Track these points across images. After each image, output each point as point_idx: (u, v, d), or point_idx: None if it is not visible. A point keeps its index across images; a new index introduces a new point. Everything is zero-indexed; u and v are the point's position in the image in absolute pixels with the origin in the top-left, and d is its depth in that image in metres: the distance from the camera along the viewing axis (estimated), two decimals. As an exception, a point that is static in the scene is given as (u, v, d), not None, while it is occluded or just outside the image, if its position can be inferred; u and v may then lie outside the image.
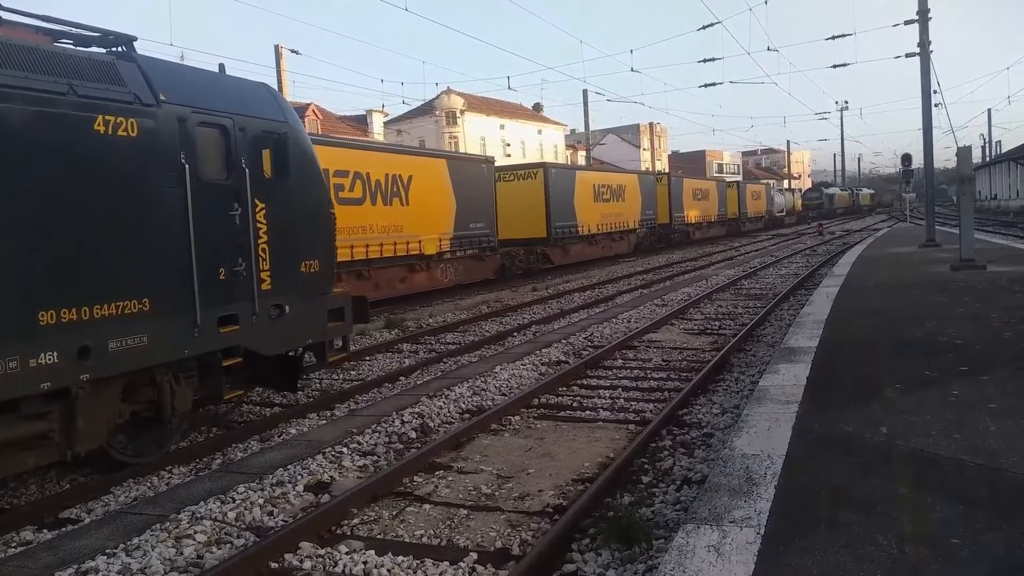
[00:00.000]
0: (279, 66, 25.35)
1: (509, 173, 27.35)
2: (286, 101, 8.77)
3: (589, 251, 30.19)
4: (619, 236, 33.00)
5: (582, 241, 29.40)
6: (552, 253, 27.12)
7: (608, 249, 31.80)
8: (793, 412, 6.10)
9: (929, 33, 22.48)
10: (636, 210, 34.73)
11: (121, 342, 6.42)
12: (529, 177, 27.02)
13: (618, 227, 32.54)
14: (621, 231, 33.04)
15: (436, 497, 6.09)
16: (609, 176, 34.13)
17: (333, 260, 9.05)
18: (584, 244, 29.64)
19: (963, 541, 3.67)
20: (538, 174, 26.93)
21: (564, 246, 27.93)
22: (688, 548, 3.86)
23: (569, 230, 28.14)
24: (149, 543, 5.23)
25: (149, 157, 6.73)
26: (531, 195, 26.57)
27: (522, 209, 26.09)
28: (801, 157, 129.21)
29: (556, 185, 27.16)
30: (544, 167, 27.56)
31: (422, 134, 61.28)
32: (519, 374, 10.02)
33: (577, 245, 29.02)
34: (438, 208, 20.28)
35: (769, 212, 61.93)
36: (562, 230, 27.55)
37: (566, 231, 27.91)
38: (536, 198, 26.61)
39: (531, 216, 26.28)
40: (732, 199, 51.47)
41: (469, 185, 21.52)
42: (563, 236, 27.64)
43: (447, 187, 20.70)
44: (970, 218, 17.22)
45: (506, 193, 25.41)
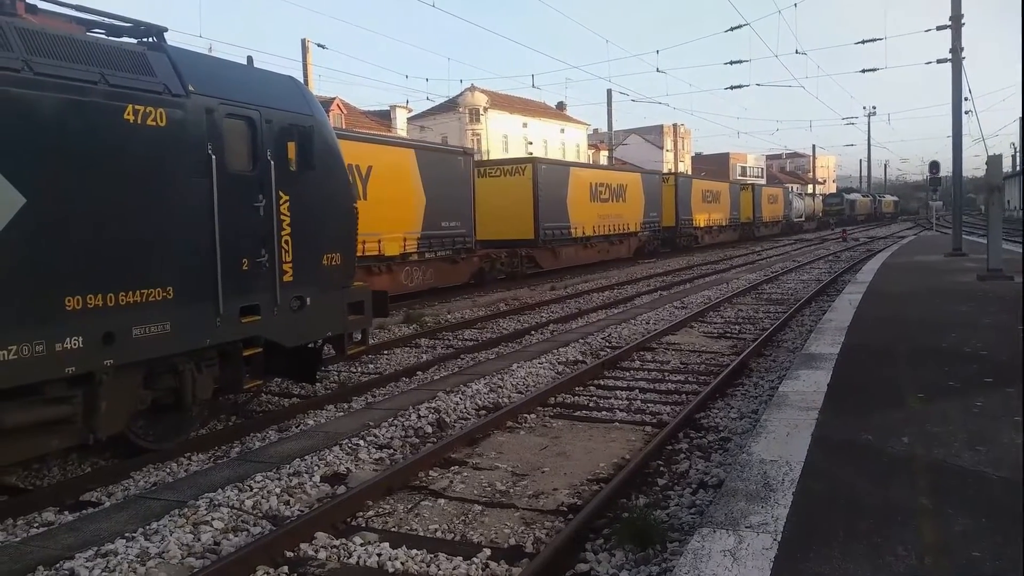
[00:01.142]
0: (305, 60, 25.46)
1: (494, 168, 25.59)
2: (312, 94, 8.82)
3: (583, 255, 28.01)
4: (618, 239, 30.71)
5: (575, 244, 27.24)
6: (540, 256, 25.03)
7: (605, 253, 29.68)
8: (813, 419, 6.05)
9: (962, 39, 22.19)
10: (638, 212, 32.48)
11: (145, 329, 6.50)
12: (516, 173, 24.74)
13: (617, 230, 30.30)
14: (620, 234, 30.78)
15: (451, 492, 6.11)
16: (608, 174, 31.35)
17: (354, 253, 9.09)
18: (577, 247, 27.48)
19: (985, 554, 3.62)
20: (526, 170, 24.63)
21: (554, 249, 25.80)
22: (704, 552, 3.84)
23: (560, 232, 25.95)
24: (167, 528, 5.27)
25: (177, 147, 6.80)
26: (518, 192, 24.37)
27: (507, 208, 24.19)
28: (827, 162, 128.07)
29: (546, 182, 24.96)
30: (533, 162, 25.23)
31: (445, 131, 61.42)
32: (536, 372, 10.02)
33: (569, 248, 26.91)
34: (403, 204, 18.01)
35: (786, 217, 60.07)
36: (552, 231, 25.38)
37: (557, 233, 25.72)
38: (523, 196, 24.37)
39: (517, 215, 24.21)
40: (746, 202, 49.23)
41: (442, 179, 19.30)
42: (553, 238, 25.50)
43: (415, 181, 18.46)
44: (998, 227, 16.98)
45: (490, 190, 23.88)
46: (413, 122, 60.99)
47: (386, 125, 51.45)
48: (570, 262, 26.97)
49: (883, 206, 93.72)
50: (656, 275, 25.82)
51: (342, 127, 41.55)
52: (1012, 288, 14.42)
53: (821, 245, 43.30)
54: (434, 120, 62.59)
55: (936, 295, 13.84)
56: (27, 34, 5.78)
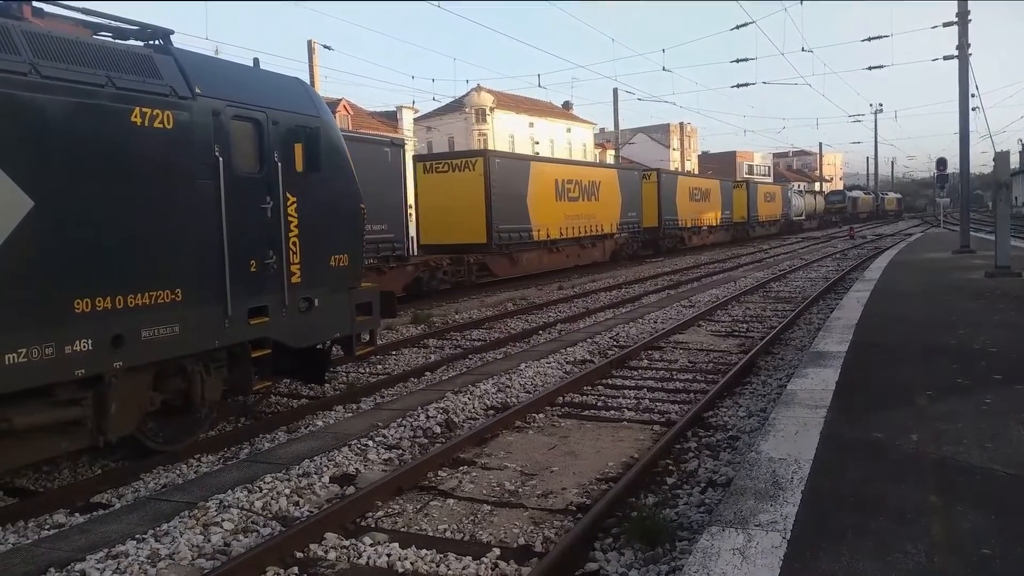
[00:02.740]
0: (311, 61, 25.53)
1: (441, 163, 22.60)
2: (319, 96, 8.85)
3: (548, 260, 25.02)
4: (590, 242, 27.71)
5: (538, 248, 24.30)
6: (494, 263, 22.07)
7: (575, 258, 26.78)
8: (821, 417, 6.04)
9: (968, 36, 22.10)
10: (614, 212, 29.52)
11: (154, 331, 6.53)
12: (466, 168, 21.73)
13: (589, 231, 27.36)
14: (593, 236, 27.77)
15: (460, 492, 6.12)
16: (578, 170, 28.21)
17: (362, 254, 9.11)
18: (541, 252, 24.53)
19: (995, 552, 3.61)
20: (477, 164, 21.65)
21: (512, 254, 22.87)
22: (713, 550, 3.84)
23: (520, 235, 22.98)
24: (177, 529, 5.30)
25: (184, 149, 6.83)
26: (468, 190, 21.46)
27: (456, 208, 21.58)
28: (833, 159, 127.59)
29: (502, 179, 21.98)
30: (485, 155, 22.09)
31: (452, 131, 61.50)
32: (544, 372, 10.02)
33: (531, 253, 23.94)
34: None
35: (785, 216, 57.20)
36: (509, 234, 22.39)
37: (515, 236, 22.75)
38: (474, 194, 21.45)
39: (468, 217, 21.38)
40: (740, 201, 46.54)
41: (363, 176, 16.39)
42: (511, 242, 22.58)
43: None
44: (1006, 224, 16.90)
45: (436, 187, 21.78)
46: (419, 123, 61.06)
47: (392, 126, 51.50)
48: (532, 269, 24.08)
49: (886, 203, 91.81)
50: (664, 274, 25.78)
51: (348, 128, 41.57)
52: (1021, 285, 14.35)
53: (828, 243, 43.18)
54: (440, 120, 62.67)
55: (944, 292, 13.79)
56: (34, 37, 5.81)
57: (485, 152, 23.07)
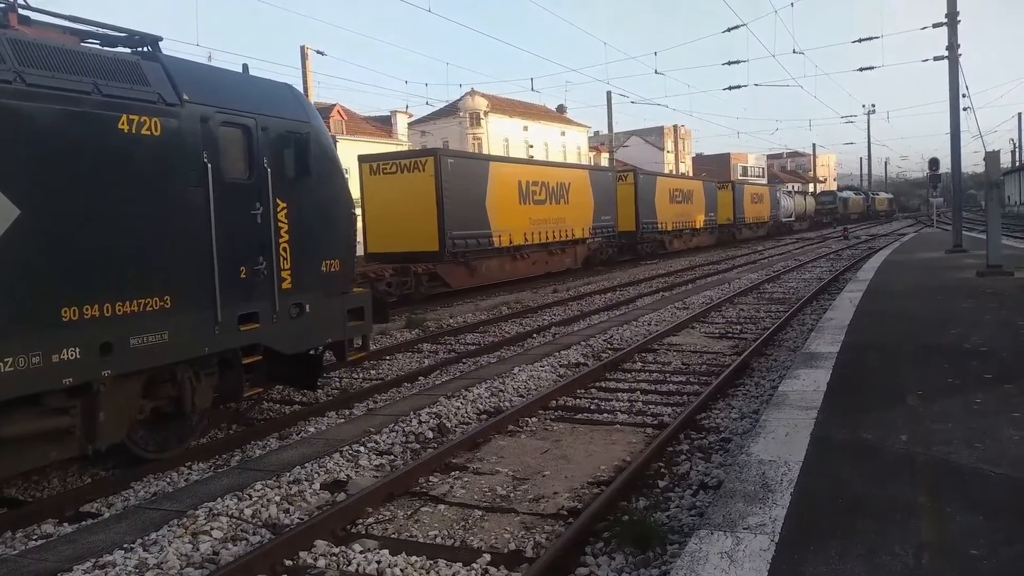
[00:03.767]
0: (304, 67, 25.49)
1: (389, 163, 20.65)
2: (308, 101, 8.84)
3: (511, 268, 23.14)
4: (559, 248, 25.83)
5: (499, 255, 22.40)
6: (448, 272, 20.17)
7: (543, 265, 24.96)
8: (812, 418, 6.03)
9: (958, 36, 22.16)
10: (586, 215, 27.59)
11: (142, 339, 6.50)
12: (415, 169, 19.95)
13: (558, 237, 25.46)
14: (562, 242, 25.87)
15: (451, 497, 6.10)
16: (544, 171, 26.16)
17: (353, 260, 9.09)
18: (503, 259, 22.62)
19: (982, 552, 3.60)
20: (427, 164, 19.83)
21: (469, 263, 20.94)
22: (701, 554, 3.83)
23: (478, 241, 21.13)
24: (166, 538, 5.27)
25: (172, 156, 6.81)
26: (418, 194, 19.68)
27: (405, 213, 19.95)
28: (827, 160, 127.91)
29: (456, 180, 20.22)
30: (436, 155, 20.21)
31: (446, 135, 61.43)
32: (537, 375, 10.01)
33: (491, 261, 22.01)
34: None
35: (774, 218, 55.58)
36: (465, 241, 20.53)
37: (472, 243, 20.88)
38: (425, 198, 19.65)
39: (417, 222, 19.65)
40: (725, 202, 45.07)
41: None
42: (467, 249, 20.66)
43: None
44: (997, 223, 16.95)
45: (383, 190, 20.30)
46: (414, 127, 61.04)
47: (387, 131, 51.50)
48: (493, 278, 22.20)
49: (876, 204, 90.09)
50: (659, 276, 25.79)
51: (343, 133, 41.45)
52: (1012, 284, 14.39)
53: (823, 243, 43.25)
54: (435, 125, 62.64)
55: (936, 292, 13.81)
56: (19, 45, 5.79)
57: (436, 151, 21.04)
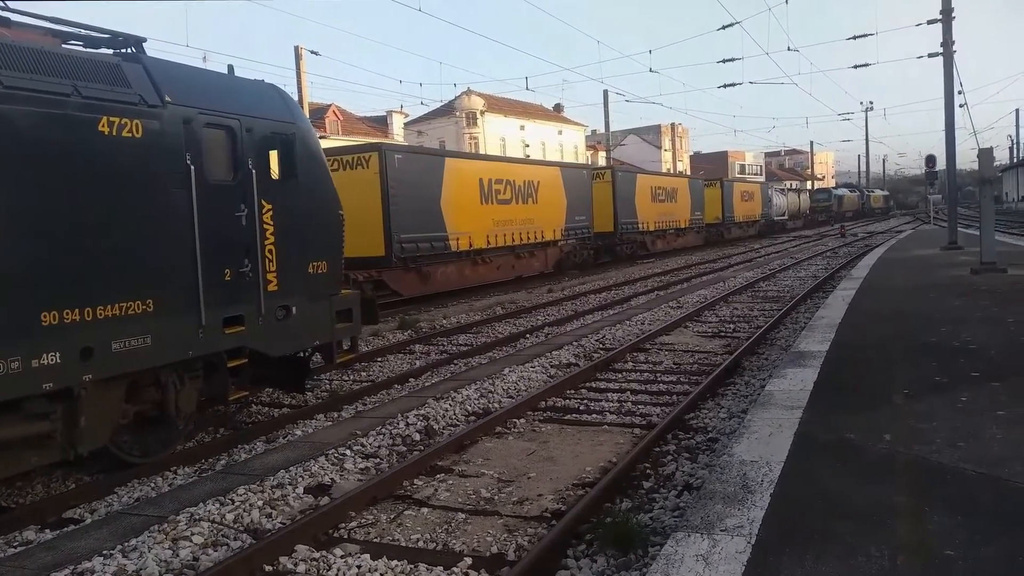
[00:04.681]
0: (299, 67, 25.47)
1: (331, 160, 17.21)
2: (294, 102, 8.79)
3: (472, 274, 21.23)
4: (527, 251, 24.07)
5: (457, 260, 20.53)
6: (396, 280, 18.18)
7: (509, 270, 23.12)
8: (797, 418, 6.00)
9: (952, 33, 22.14)
10: (558, 216, 25.80)
11: (124, 343, 6.46)
12: (359, 165, 18.02)
13: (527, 239, 23.68)
14: (531, 244, 24.10)
15: (435, 501, 6.06)
16: (510, 168, 23.91)
17: (341, 261, 9.06)
18: (462, 264, 20.77)
19: (958, 553, 3.58)
20: (371, 161, 17.88)
21: (421, 269, 18.95)
22: (676, 557, 3.80)
23: (431, 245, 19.12)
24: (146, 544, 5.24)
25: (154, 158, 6.77)
26: (361, 193, 17.43)
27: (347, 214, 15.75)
28: (825, 158, 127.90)
29: (405, 178, 18.23)
30: (380, 149, 18.07)
31: (442, 135, 61.50)
32: (528, 376, 9.97)
33: (448, 266, 20.12)
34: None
35: (766, 216, 53.62)
36: (417, 245, 18.58)
37: (425, 247, 18.90)
38: (369, 197, 17.66)
39: (361, 225, 16.74)
40: (713, 200, 43.11)
41: None
42: (419, 254, 18.73)
43: None
44: (991, 220, 16.92)
45: None
46: (410, 127, 61.05)
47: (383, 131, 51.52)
48: (450, 284, 20.23)
49: (871, 201, 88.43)
50: (654, 275, 25.75)
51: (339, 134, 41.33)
52: (1005, 281, 14.37)
53: (819, 241, 43.22)
54: (430, 125, 62.64)
55: (929, 289, 13.78)
56: (-4, 48, 5.75)
57: (380, 145, 18.84)
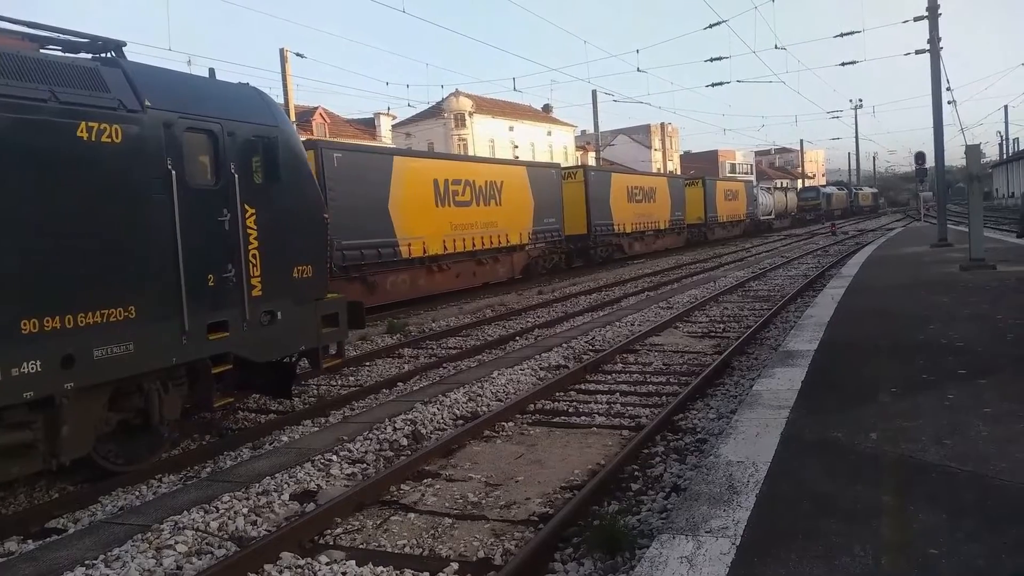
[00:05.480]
0: (284, 70, 25.36)
1: None
2: (276, 105, 8.73)
3: (427, 282, 19.56)
4: (491, 257, 22.69)
5: (409, 268, 18.85)
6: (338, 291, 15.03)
7: (469, 277, 21.62)
8: (784, 417, 5.97)
9: (939, 29, 22.22)
10: (524, 218, 24.25)
11: (106, 350, 6.40)
12: None
13: (489, 243, 22.29)
14: (495, 249, 22.69)
15: (422, 506, 6.02)
16: (469, 168, 22.34)
17: (326, 265, 9.00)
18: (414, 272, 19.07)
19: (942, 552, 3.55)
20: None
21: (367, 278, 17.44)
22: (660, 559, 3.76)
23: (379, 251, 17.68)
24: (129, 553, 5.19)
25: (134, 163, 6.71)
26: None
27: None
28: (815, 156, 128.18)
29: (346, 179, 16.63)
30: (316, 147, 16.35)
31: (431, 136, 61.34)
32: (517, 379, 9.93)
33: (399, 275, 18.47)
34: None
35: (751, 215, 52.28)
36: (361, 252, 17.09)
37: (371, 253, 17.43)
38: None
39: None
40: (694, 200, 41.79)
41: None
42: (364, 262, 17.27)
43: None
44: (979, 217, 16.95)
45: None
46: (397, 129, 60.89)
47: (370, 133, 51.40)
48: (400, 295, 18.68)
49: (860, 199, 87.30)
50: (644, 275, 25.76)
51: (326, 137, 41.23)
52: (994, 277, 14.39)
53: (810, 240, 43.34)
54: (418, 127, 62.46)
55: (918, 287, 13.80)
56: (-29, 54, 5.69)
57: (317, 143, 17.18)
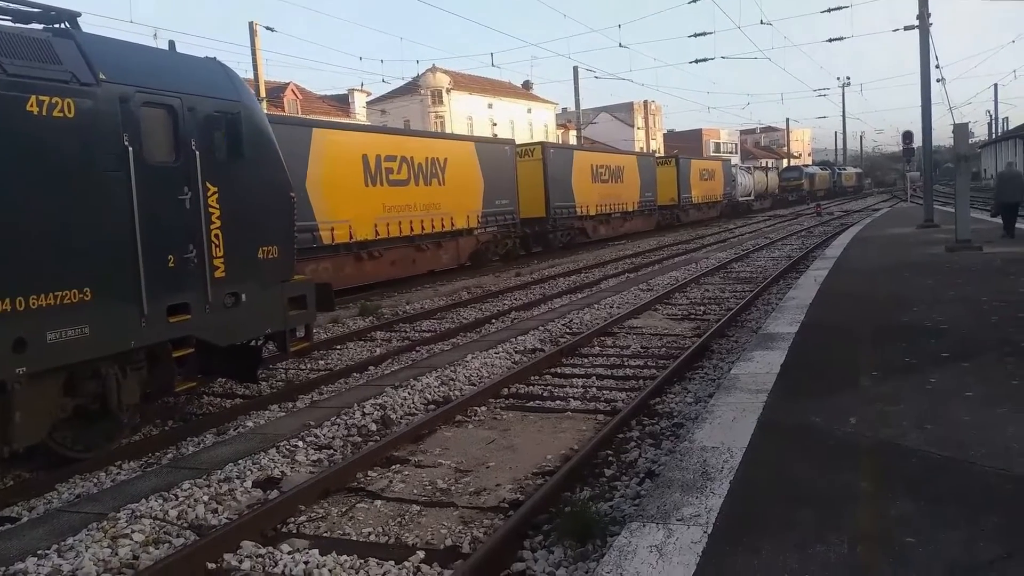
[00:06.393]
0: (254, 44, 24.76)
1: None
2: (240, 79, 8.42)
3: (356, 272, 17.57)
4: (433, 243, 20.59)
5: (333, 256, 16.82)
6: None
7: (408, 265, 19.61)
8: (761, 402, 5.82)
9: (928, 5, 22.04)
10: (472, 199, 22.29)
11: (60, 333, 6.15)
12: None
13: (431, 228, 20.30)
14: (438, 234, 20.75)
15: (389, 493, 5.84)
16: (405, 142, 20.15)
17: (293, 245, 8.75)
18: (340, 260, 17.02)
19: (918, 540, 3.41)
20: None
21: None
22: (630, 548, 3.60)
23: (296, 236, 13.64)
24: (83, 543, 5.00)
25: (88, 139, 6.43)
26: None
27: None
28: (801, 135, 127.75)
29: None
30: None
31: (407, 114, 60.21)
32: (491, 363, 9.74)
33: (320, 263, 16.31)
34: None
35: (729, 196, 49.92)
36: None
37: None
38: None
39: None
40: (667, 180, 39.29)
41: None
42: None
43: None
44: (966, 198, 16.91)
45: None
46: (372, 106, 59.84)
47: (344, 110, 50.68)
48: None
49: (843, 179, 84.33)
50: (625, 257, 25.58)
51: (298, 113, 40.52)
52: (980, 259, 14.33)
53: (795, 221, 43.28)
54: (394, 103, 61.29)
55: (903, 268, 13.71)
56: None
57: None
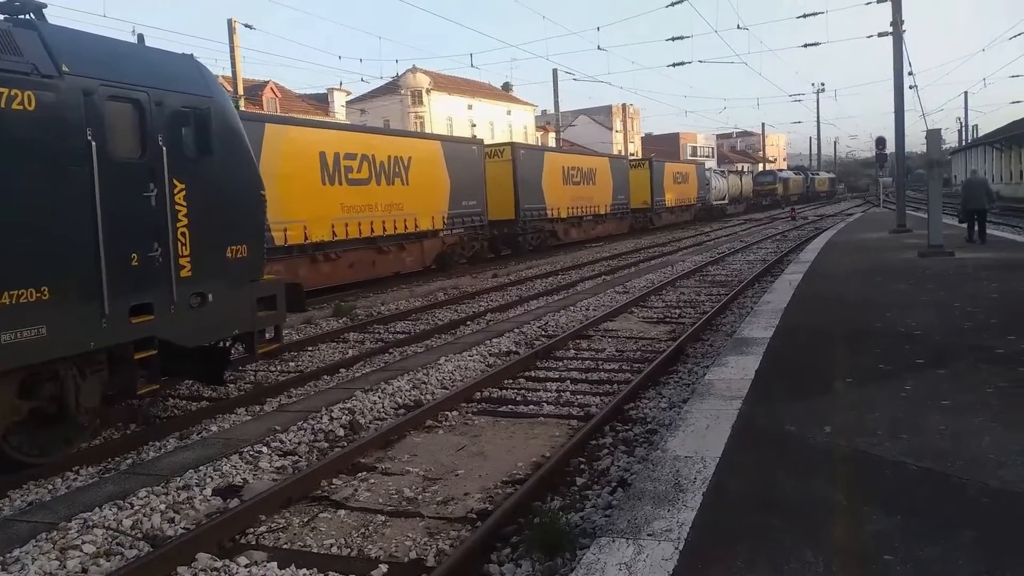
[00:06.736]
0: (232, 41, 24.43)
1: None
2: (211, 74, 8.21)
3: (313, 275, 16.56)
4: (395, 245, 19.90)
5: (287, 258, 16.11)
6: None
7: (367, 268, 18.86)
8: (736, 409, 5.72)
9: (902, 12, 22.18)
10: (438, 200, 21.65)
11: (15, 334, 5.92)
12: None
13: (393, 229, 19.60)
14: (401, 236, 20.05)
15: (353, 502, 5.66)
16: (367, 140, 19.47)
17: (263, 244, 8.54)
18: (296, 263, 16.30)
19: (896, 557, 3.30)
20: None
21: None
22: (598, 566, 3.47)
23: None
24: (30, 555, 4.80)
25: (49, 133, 6.21)
26: None
27: None
28: (777, 140, 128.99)
29: None
30: None
31: (387, 114, 59.89)
32: (464, 366, 9.59)
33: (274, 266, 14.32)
34: None
35: (702, 200, 50.12)
36: None
37: None
38: None
39: None
40: (640, 183, 39.23)
41: None
42: None
43: None
44: (938, 203, 16.98)
45: None
46: (352, 105, 59.45)
47: (323, 109, 50.25)
48: None
49: (816, 184, 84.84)
50: (602, 259, 25.51)
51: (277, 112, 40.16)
52: (952, 264, 14.40)
53: (770, 224, 43.50)
54: (373, 103, 60.93)
55: (876, 273, 13.73)
56: None
57: None
